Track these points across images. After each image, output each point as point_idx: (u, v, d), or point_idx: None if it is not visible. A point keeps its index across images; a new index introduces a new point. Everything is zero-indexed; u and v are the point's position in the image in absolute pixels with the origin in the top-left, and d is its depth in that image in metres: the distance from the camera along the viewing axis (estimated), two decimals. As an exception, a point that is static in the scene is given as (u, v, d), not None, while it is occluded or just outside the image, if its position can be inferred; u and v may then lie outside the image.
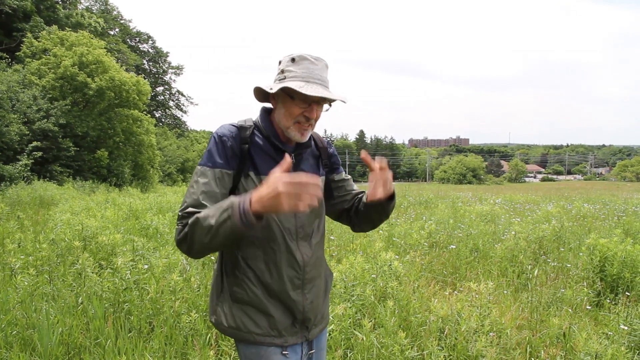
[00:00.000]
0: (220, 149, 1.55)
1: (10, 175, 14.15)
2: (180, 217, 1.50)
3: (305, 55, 1.56)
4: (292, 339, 1.62)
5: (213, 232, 1.37)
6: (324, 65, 1.59)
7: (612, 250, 4.96)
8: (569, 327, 3.57)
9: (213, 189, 1.51)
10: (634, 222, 8.60)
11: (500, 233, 7.65)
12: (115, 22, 39.77)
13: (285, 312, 1.61)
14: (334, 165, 1.83)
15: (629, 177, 77.28)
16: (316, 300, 1.69)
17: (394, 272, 4.29)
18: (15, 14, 22.98)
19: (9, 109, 16.04)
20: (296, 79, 1.53)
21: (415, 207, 12.99)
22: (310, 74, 1.54)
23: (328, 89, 1.58)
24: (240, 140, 1.58)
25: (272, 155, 1.61)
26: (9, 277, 4.46)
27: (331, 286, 1.85)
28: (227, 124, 1.62)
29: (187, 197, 1.52)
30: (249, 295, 1.58)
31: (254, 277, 1.58)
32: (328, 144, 1.84)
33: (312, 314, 1.67)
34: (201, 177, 1.52)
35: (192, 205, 1.48)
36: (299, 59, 1.55)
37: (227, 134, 1.57)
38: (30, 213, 9.26)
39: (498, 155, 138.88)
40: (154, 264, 4.49)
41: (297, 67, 1.55)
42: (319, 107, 1.59)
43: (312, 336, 1.70)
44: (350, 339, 3.33)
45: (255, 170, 1.57)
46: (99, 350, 3.23)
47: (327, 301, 1.81)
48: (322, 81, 1.55)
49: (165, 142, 38.75)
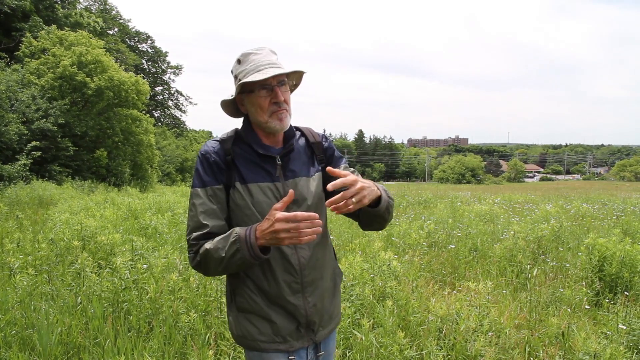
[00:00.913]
0: (205, 167, 1.58)
1: (9, 175, 14.12)
2: (190, 244, 1.55)
3: (247, 51, 1.59)
4: (298, 344, 1.62)
5: (225, 263, 1.47)
6: (267, 51, 1.59)
7: (611, 250, 4.97)
8: (567, 327, 3.57)
9: (210, 207, 1.55)
10: (633, 222, 8.61)
11: (499, 233, 7.66)
12: (114, 22, 39.73)
13: (287, 317, 1.60)
14: (330, 158, 1.78)
15: (627, 176, 77.37)
16: (320, 303, 1.66)
17: (392, 271, 4.29)
18: (14, 14, 22.95)
19: (8, 108, 16.01)
20: (248, 74, 1.54)
21: (414, 206, 13.00)
22: (257, 63, 1.55)
23: (281, 67, 1.57)
24: (223, 152, 1.59)
25: (257, 161, 1.60)
26: (7, 277, 4.45)
27: (340, 285, 1.83)
28: (210, 140, 1.65)
29: (189, 221, 1.58)
30: (249, 303, 1.60)
31: (253, 285, 1.59)
32: (323, 137, 1.79)
33: (317, 316, 1.65)
34: (196, 199, 1.57)
35: (196, 228, 1.54)
36: (243, 57, 1.58)
37: (210, 150, 1.60)
38: (29, 213, 9.24)
39: (497, 155, 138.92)
40: (153, 264, 4.48)
41: (244, 65, 1.57)
42: (282, 88, 1.57)
43: (320, 338, 1.68)
44: (349, 338, 3.33)
45: (242, 180, 1.57)
46: (98, 350, 3.22)
47: (337, 301, 1.78)
48: (272, 64, 1.55)
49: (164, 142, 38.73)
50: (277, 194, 1.58)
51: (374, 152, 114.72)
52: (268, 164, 1.60)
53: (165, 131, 42.18)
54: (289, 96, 1.63)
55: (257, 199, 1.56)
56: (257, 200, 1.56)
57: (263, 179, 1.58)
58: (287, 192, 1.55)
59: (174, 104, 50.30)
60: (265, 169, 1.60)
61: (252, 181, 1.57)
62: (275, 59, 1.58)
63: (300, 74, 1.67)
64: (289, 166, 1.64)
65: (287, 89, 1.61)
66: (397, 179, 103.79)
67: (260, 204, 1.56)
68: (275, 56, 1.60)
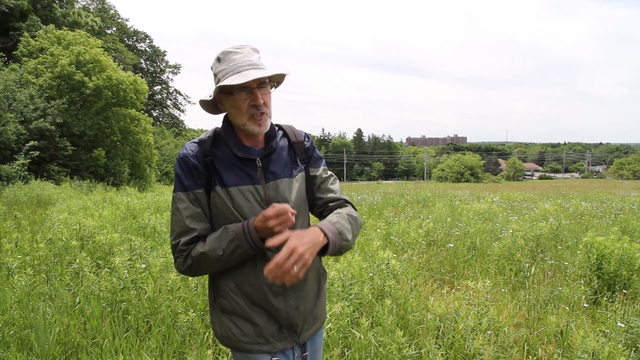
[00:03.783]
0: (185, 171, 1.55)
1: (8, 175, 14.10)
2: (179, 250, 1.54)
3: (228, 49, 1.54)
4: (281, 345, 1.60)
5: (224, 260, 1.50)
6: (249, 50, 1.55)
7: (609, 248, 4.97)
8: (566, 325, 3.58)
9: (194, 210, 1.55)
10: (631, 220, 8.62)
11: (497, 231, 7.66)
12: (112, 21, 39.67)
13: (270, 319, 1.59)
14: (310, 158, 1.75)
15: (626, 175, 77.51)
16: (303, 305, 1.64)
17: (391, 270, 4.29)
18: (12, 13, 22.92)
19: (6, 108, 15.99)
20: (227, 75, 1.50)
21: (413, 205, 13.00)
22: (237, 64, 1.51)
23: (262, 69, 1.53)
24: (202, 154, 1.56)
25: (237, 164, 1.57)
26: (6, 277, 4.44)
27: (325, 285, 1.80)
28: (188, 142, 1.61)
29: (174, 226, 1.56)
30: (232, 305, 1.59)
31: (235, 287, 1.58)
32: (305, 136, 1.76)
33: (300, 319, 1.63)
34: (179, 203, 1.55)
35: (182, 233, 1.53)
36: (223, 55, 1.54)
37: (188, 154, 1.56)
38: (28, 213, 9.22)
39: (496, 154, 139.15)
40: (152, 263, 4.48)
41: (224, 64, 1.53)
42: (262, 90, 1.53)
43: (304, 339, 1.67)
44: (347, 337, 3.33)
45: (222, 183, 1.55)
46: (96, 349, 3.22)
47: (322, 301, 1.76)
48: (252, 65, 1.51)
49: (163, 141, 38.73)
50: (258, 196, 1.56)
51: (372, 151, 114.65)
52: (248, 166, 1.58)
53: (163, 130, 42.18)
54: (270, 98, 1.59)
55: (238, 202, 1.54)
56: (238, 204, 1.54)
57: (243, 181, 1.56)
58: (268, 195, 1.57)
59: (172, 103, 50.31)
60: (246, 171, 1.57)
61: (232, 184, 1.55)
62: (257, 59, 1.54)
63: (282, 75, 1.63)
64: (269, 168, 1.61)
65: (268, 91, 1.57)
66: (395, 177, 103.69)
67: (241, 207, 1.54)
68: (257, 55, 1.57)
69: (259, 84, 1.52)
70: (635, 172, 77.49)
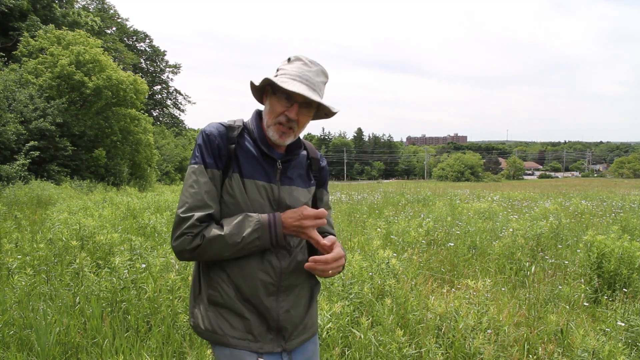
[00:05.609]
0: (208, 147, 1.51)
1: (8, 175, 14.11)
2: (190, 225, 1.45)
3: (301, 56, 1.54)
4: (268, 346, 1.55)
5: (238, 249, 1.46)
6: (319, 70, 1.54)
7: (610, 247, 4.97)
8: (566, 324, 3.58)
9: (213, 189, 1.49)
10: (631, 219, 8.62)
11: (498, 230, 7.67)
12: (112, 21, 39.67)
13: (259, 317, 1.55)
14: (322, 181, 1.77)
15: (626, 173, 77.44)
16: (294, 310, 1.60)
17: (391, 269, 4.29)
18: (12, 13, 22.92)
19: (6, 108, 15.99)
20: (284, 76, 1.50)
21: (413, 204, 13.00)
22: (299, 73, 1.50)
23: (317, 92, 1.52)
24: (227, 139, 1.54)
25: (259, 159, 1.56)
26: (6, 277, 4.44)
27: (317, 296, 1.76)
28: (216, 122, 1.58)
29: (188, 198, 1.47)
30: (223, 297, 1.53)
31: (228, 280, 1.53)
32: (321, 157, 1.78)
33: (289, 323, 1.59)
34: (201, 176, 1.49)
35: (198, 207, 1.46)
36: (294, 59, 1.54)
37: (215, 133, 1.53)
38: (28, 213, 9.23)
39: (496, 153, 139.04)
40: (152, 263, 4.48)
41: (290, 66, 1.53)
42: (303, 109, 1.53)
43: (291, 346, 1.60)
44: (348, 336, 3.33)
45: (240, 173, 1.52)
46: (96, 349, 3.22)
47: (313, 312, 1.71)
48: (310, 83, 1.50)
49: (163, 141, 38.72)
50: (271, 195, 1.55)
51: (373, 150, 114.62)
52: (268, 164, 1.57)
53: (163, 130, 42.16)
54: (307, 120, 1.57)
55: (251, 196, 1.52)
56: (251, 197, 1.52)
57: (261, 177, 1.54)
58: (281, 196, 1.56)
59: (172, 103, 50.32)
60: (265, 168, 1.56)
61: (250, 177, 1.52)
62: (319, 81, 1.54)
63: (331, 111, 1.60)
64: (287, 172, 1.61)
65: (309, 114, 1.56)
66: (396, 177, 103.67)
67: (253, 201, 1.52)
68: (323, 79, 1.56)
69: (305, 102, 1.51)
70: (635, 171, 77.42)
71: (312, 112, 1.58)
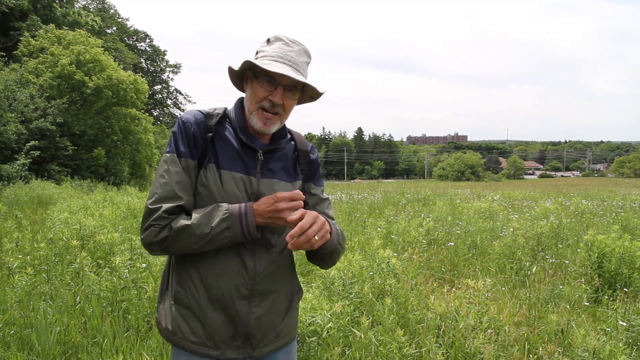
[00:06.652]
0: (184, 135, 1.43)
1: (8, 175, 14.12)
2: (158, 217, 1.36)
3: (281, 36, 1.45)
4: (231, 353, 1.46)
5: (207, 240, 1.36)
6: (301, 49, 1.45)
7: (610, 247, 4.97)
8: (567, 324, 3.58)
9: (185, 179, 1.41)
10: (632, 218, 8.62)
11: (498, 230, 7.66)
12: (112, 21, 39.65)
13: (226, 322, 1.45)
14: (313, 173, 1.64)
15: (626, 173, 77.44)
16: (267, 318, 1.50)
17: (391, 269, 4.29)
18: (12, 13, 22.91)
19: (6, 108, 16.00)
20: (264, 58, 1.41)
21: (414, 204, 13.00)
22: (281, 54, 1.41)
23: (301, 73, 1.42)
24: (204, 128, 1.45)
25: (237, 150, 1.46)
26: (6, 277, 4.44)
27: (298, 304, 1.65)
28: (194, 109, 1.49)
29: (157, 188, 1.39)
30: (188, 298, 1.45)
31: (198, 279, 1.44)
32: (312, 148, 1.66)
33: (259, 331, 1.49)
34: (172, 166, 1.40)
35: (167, 198, 1.38)
36: (274, 40, 1.45)
37: (192, 120, 1.44)
38: (28, 212, 9.24)
39: (496, 152, 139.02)
40: (152, 263, 4.48)
41: (270, 47, 1.44)
42: (288, 93, 1.43)
43: (260, 354, 1.51)
44: (348, 336, 3.33)
45: (216, 163, 1.43)
46: (96, 349, 3.22)
47: (291, 320, 1.60)
48: (293, 64, 1.41)
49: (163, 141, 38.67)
50: (250, 188, 1.45)
51: (373, 150, 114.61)
52: (248, 155, 1.47)
53: (164, 130, 42.12)
54: (292, 104, 1.48)
55: (227, 189, 1.42)
56: (227, 190, 1.42)
57: (238, 168, 1.45)
58: (260, 189, 1.46)
59: (172, 103, 50.26)
60: (244, 159, 1.46)
61: (226, 168, 1.43)
62: (302, 61, 1.45)
63: (317, 92, 1.51)
64: (269, 165, 1.51)
65: (294, 97, 1.47)
66: (396, 176, 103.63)
67: (229, 194, 1.43)
68: (306, 59, 1.47)
69: (289, 85, 1.43)
70: (636, 170, 77.39)
71: (297, 95, 1.48)
